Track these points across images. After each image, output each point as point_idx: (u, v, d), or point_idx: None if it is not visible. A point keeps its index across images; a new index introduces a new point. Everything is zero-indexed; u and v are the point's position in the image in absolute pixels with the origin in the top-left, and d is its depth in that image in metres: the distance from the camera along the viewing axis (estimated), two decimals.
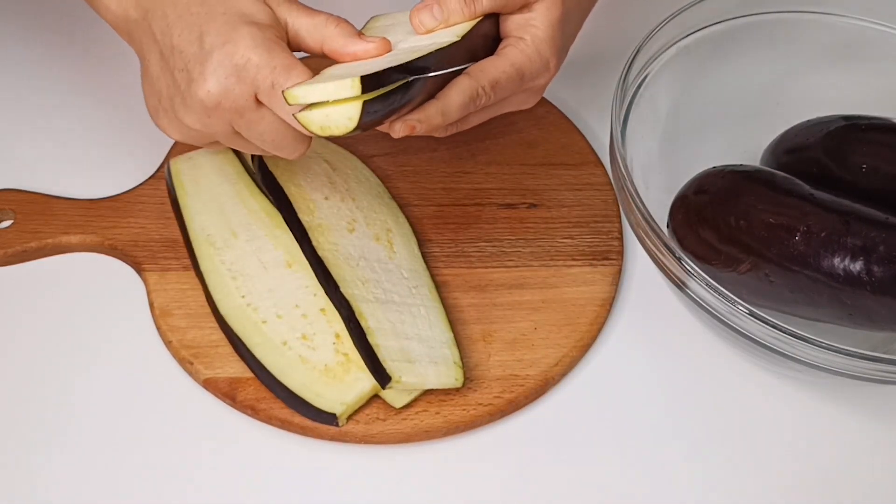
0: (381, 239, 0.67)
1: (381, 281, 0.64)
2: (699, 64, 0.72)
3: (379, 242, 0.67)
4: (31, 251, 0.68)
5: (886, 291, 0.58)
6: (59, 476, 0.60)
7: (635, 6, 0.85)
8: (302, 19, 0.57)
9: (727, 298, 0.57)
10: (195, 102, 0.55)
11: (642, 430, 0.63)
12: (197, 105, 0.55)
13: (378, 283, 0.64)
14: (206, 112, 0.55)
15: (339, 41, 0.56)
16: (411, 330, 0.62)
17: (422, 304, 0.64)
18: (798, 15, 0.73)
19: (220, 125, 0.56)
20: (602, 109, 0.68)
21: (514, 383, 0.63)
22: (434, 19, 0.58)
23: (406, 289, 0.65)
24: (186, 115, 0.56)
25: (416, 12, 0.58)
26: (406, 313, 0.63)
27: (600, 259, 0.69)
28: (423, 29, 0.58)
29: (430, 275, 0.67)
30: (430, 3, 0.58)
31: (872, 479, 0.62)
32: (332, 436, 0.61)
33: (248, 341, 0.62)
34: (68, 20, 0.84)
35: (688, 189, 0.67)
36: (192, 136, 0.59)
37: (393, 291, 0.64)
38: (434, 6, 0.58)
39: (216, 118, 0.56)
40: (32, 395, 0.63)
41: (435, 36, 0.58)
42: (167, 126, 0.59)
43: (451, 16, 0.58)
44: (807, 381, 0.65)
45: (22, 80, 0.80)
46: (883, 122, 0.67)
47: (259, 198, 0.69)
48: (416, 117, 0.55)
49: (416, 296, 0.65)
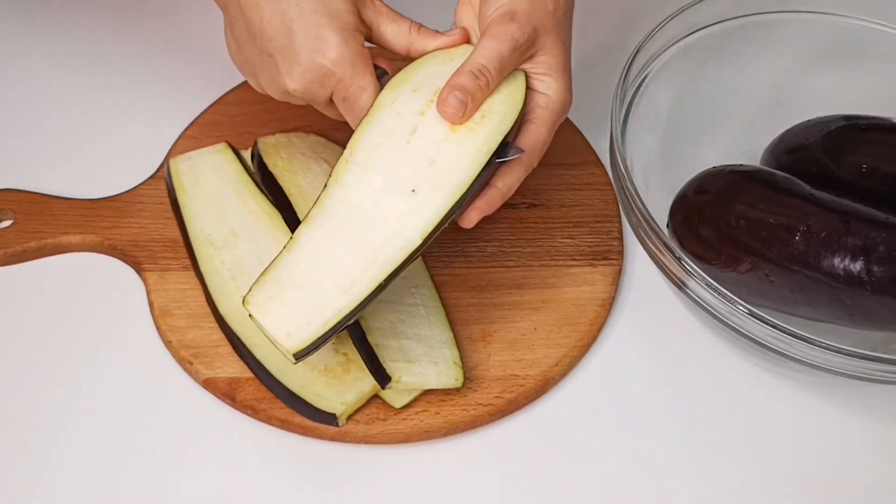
0: None
1: None
2: (699, 64, 0.72)
3: None
4: (31, 251, 0.69)
5: (886, 291, 0.58)
6: (59, 476, 0.60)
7: (635, 6, 0.85)
8: (388, 25, 0.62)
9: (727, 298, 0.57)
10: (278, 87, 0.61)
11: (642, 430, 0.63)
12: (280, 88, 0.61)
13: None
14: (285, 95, 0.61)
15: (424, 43, 0.62)
16: (411, 330, 0.62)
17: (422, 304, 0.64)
18: (798, 15, 0.73)
19: (297, 102, 0.62)
20: (602, 109, 0.68)
21: (514, 383, 0.63)
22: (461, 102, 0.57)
23: (406, 289, 0.65)
24: (267, 87, 0.62)
25: (443, 103, 0.57)
26: (406, 313, 0.63)
27: (600, 259, 0.69)
28: (458, 116, 0.58)
29: (429, 275, 0.67)
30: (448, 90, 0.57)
31: (872, 479, 0.62)
32: (332, 436, 0.61)
33: (247, 341, 0.62)
34: (68, 20, 0.84)
35: (688, 189, 0.67)
36: (264, 91, 0.63)
37: (392, 291, 0.64)
38: (456, 91, 0.57)
39: (296, 100, 0.62)
40: (32, 395, 0.63)
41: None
42: (247, 77, 0.64)
43: (474, 96, 0.58)
44: (807, 381, 0.65)
45: (22, 80, 0.80)
46: (883, 122, 0.67)
47: (259, 198, 0.69)
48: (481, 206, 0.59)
49: (415, 296, 0.65)
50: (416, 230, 0.56)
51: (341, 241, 0.56)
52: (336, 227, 0.56)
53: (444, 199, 0.56)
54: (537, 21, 0.59)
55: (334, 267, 0.55)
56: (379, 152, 0.57)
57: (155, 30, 0.83)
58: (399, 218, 0.56)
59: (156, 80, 0.80)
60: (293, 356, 0.54)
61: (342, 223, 0.56)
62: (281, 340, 0.54)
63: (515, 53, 0.58)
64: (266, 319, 0.55)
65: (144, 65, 0.81)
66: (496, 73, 0.58)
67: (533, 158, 0.60)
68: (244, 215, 0.68)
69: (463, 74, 0.58)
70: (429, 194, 0.56)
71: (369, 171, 0.57)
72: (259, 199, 0.69)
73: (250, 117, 0.76)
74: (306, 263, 0.56)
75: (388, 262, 0.55)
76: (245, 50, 0.61)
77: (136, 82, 0.80)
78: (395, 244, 0.55)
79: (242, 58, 0.62)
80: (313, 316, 0.54)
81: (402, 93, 0.59)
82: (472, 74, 0.57)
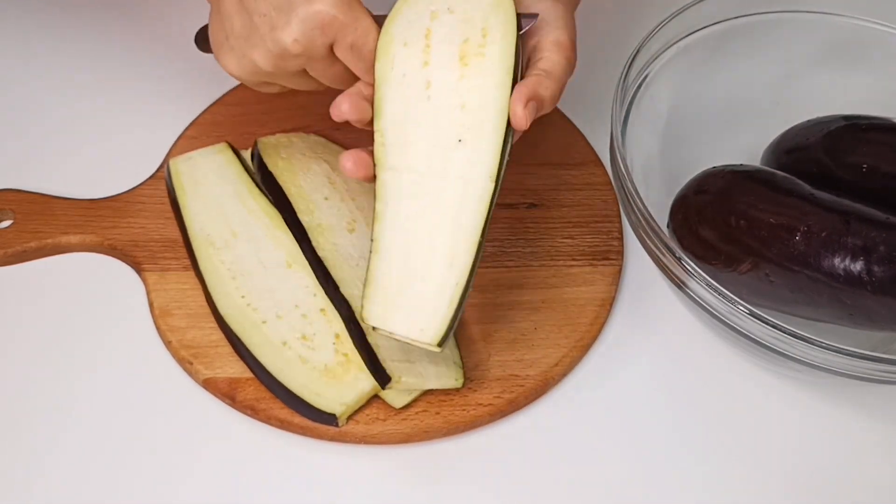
0: None
1: None
2: (699, 64, 0.72)
3: None
4: (31, 251, 0.68)
5: (886, 291, 0.57)
6: (58, 476, 0.60)
7: (635, 6, 0.85)
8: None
9: (727, 298, 0.57)
10: (277, 47, 0.57)
11: (642, 430, 0.63)
12: (278, 49, 0.57)
13: None
14: (283, 56, 0.58)
15: None
16: None
17: None
18: (798, 15, 0.73)
19: (291, 67, 0.59)
20: (602, 109, 0.68)
21: (514, 383, 0.63)
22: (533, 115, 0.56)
23: None
24: (261, 56, 0.58)
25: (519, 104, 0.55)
26: None
27: (600, 259, 0.69)
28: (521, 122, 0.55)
29: None
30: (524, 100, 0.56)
31: (872, 478, 0.62)
32: (332, 436, 0.61)
33: (247, 341, 0.62)
34: (68, 20, 0.84)
35: (688, 189, 0.67)
36: (253, 74, 0.61)
37: None
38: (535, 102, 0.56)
39: (291, 62, 0.59)
40: (32, 395, 0.63)
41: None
42: (230, 62, 0.61)
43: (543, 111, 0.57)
44: (807, 381, 0.65)
45: (22, 80, 0.80)
46: (883, 122, 0.67)
47: (259, 198, 0.69)
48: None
49: None
50: (484, 176, 0.54)
51: (419, 223, 0.55)
52: (406, 212, 0.55)
53: (492, 133, 0.55)
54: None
55: (427, 250, 0.54)
56: (407, 123, 0.56)
57: (155, 30, 0.83)
58: (461, 173, 0.55)
59: (156, 80, 0.80)
60: (437, 346, 0.54)
61: (410, 206, 0.55)
62: (419, 338, 0.54)
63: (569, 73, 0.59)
64: (394, 327, 0.54)
65: (144, 65, 0.81)
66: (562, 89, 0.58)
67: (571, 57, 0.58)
68: (244, 215, 0.68)
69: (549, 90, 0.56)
70: (476, 137, 0.55)
71: (408, 144, 0.56)
72: (259, 199, 0.69)
73: (250, 117, 0.76)
74: (400, 260, 0.55)
75: (474, 220, 0.54)
76: (234, 24, 0.59)
77: (136, 82, 0.80)
78: (471, 200, 0.54)
79: (224, 31, 0.60)
80: (435, 303, 0.54)
81: (395, 53, 0.57)
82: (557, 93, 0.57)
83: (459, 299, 0.54)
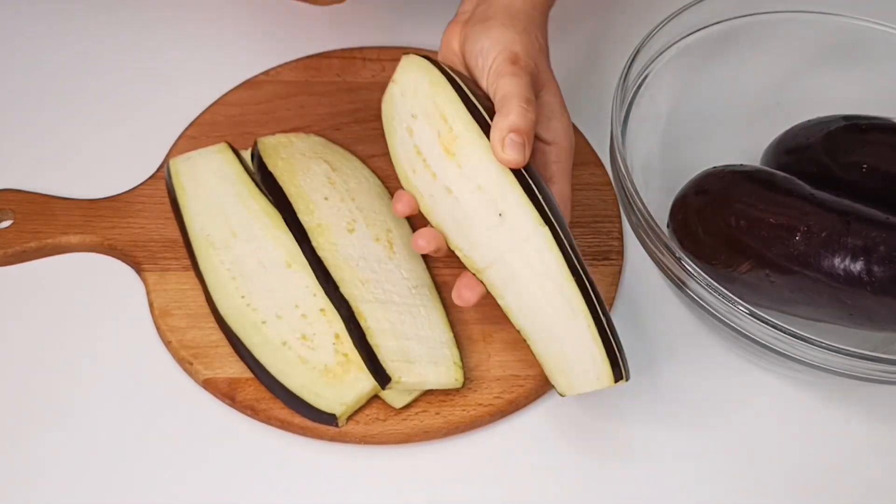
0: (381, 239, 0.67)
1: (381, 281, 0.64)
2: (699, 64, 0.72)
3: (379, 243, 0.67)
4: (31, 251, 0.68)
5: (886, 291, 0.58)
6: (58, 475, 0.60)
7: (635, 6, 0.85)
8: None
9: (727, 298, 0.57)
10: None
11: (642, 431, 0.63)
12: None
13: (378, 283, 0.64)
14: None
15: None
16: (411, 330, 0.62)
17: (422, 305, 0.64)
18: (798, 15, 0.73)
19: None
20: (602, 109, 0.68)
21: (514, 383, 0.63)
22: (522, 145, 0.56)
23: (406, 289, 0.65)
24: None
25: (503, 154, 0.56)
26: (406, 313, 0.63)
27: (600, 259, 0.69)
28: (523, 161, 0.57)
29: (430, 275, 0.67)
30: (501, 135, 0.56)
31: (872, 478, 0.62)
32: (332, 436, 0.61)
33: (247, 341, 0.62)
34: (68, 19, 0.84)
35: (688, 189, 0.67)
36: None
37: (393, 292, 0.64)
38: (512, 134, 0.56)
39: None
40: (32, 395, 0.63)
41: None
42: None
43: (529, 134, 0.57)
44: (807, 381, 0.65)
45: (22, 80, 0.80)
46: (883, 122, 0.67)
47: (259, 198, 0.69)
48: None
49: (416, 296, 0.65)
50: (530, 226, 0.56)
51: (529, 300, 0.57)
52: (513, 298, 0.58)
53: (512, 189, 0.57)
54: (534, 59, 0.60)
55: (546, 313, 0.57)
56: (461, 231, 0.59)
57: (155, 30, 0.83)
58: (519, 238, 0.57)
59: (156, 80, 0.80)
60: (617, 382, 0.55)
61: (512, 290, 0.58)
62: (601, 387, 0.56)
63: (531, 90, 0.59)
64: (583, 387, 0.56)
65: (144, 65, 0.81)
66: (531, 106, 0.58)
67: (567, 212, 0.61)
68: (244, 215, 0.68)
69: (512, 114, 0.56)
70: (506, 203, 0.57)
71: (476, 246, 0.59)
72: (259, 199, 0.69)
73: (250, 117, 0.76)
74: (544, 335, 0.57)
75: (556, 266, 0.56)
76: None
77: (136, 82, 0.80)
78: (540, 252, 0.56)
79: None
80: (590, 352, 0.56)
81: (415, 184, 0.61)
82: (522, 110, 0.56)
83: (601, 335, 0.56)
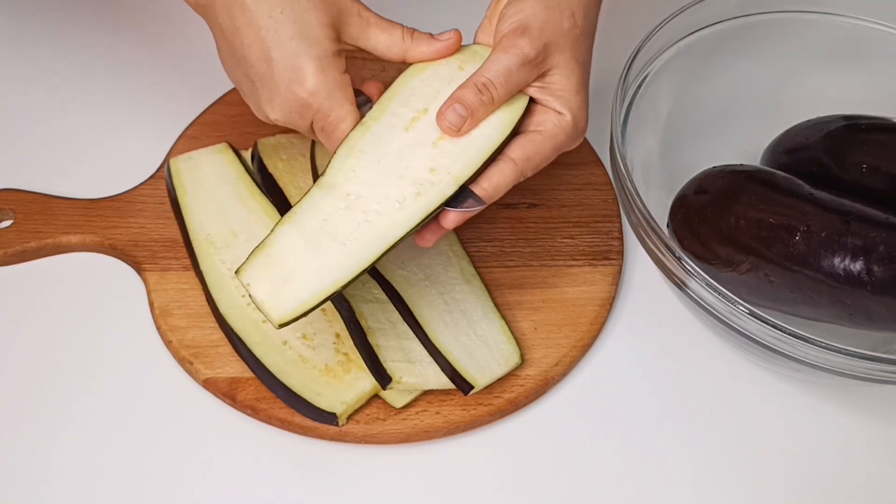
0: None
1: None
2: (699, 64, 0.72)
3: None
4: (31, 251, 0.68)
5: (886, 291, 0.58)
6: (58, 476, 0.60)
7: (635, 6, 0.85)
8: (379, 36, 0.60)
9: (727, 298, 0.57)
10: (262, 114, 0.61)
11: (642, 430, 0.63)
12: (263, 115, 0.61)
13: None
14: (269, 120, 0.61)
15: (419, 49, 0.60)
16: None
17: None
18: (798, 15, 0.73)
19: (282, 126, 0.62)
20: (602, 109, 0.68)
21: (514, 383, 0.63)
22: (460, 116, 0.57)
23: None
24: (254, 110, 0.62)
25: (442, 116, 0.57)
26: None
27: (600, 259, 0.69)
28: (455, 130, 0.57)
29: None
30: (449, 103, 0.57)
31: (871, 478, 0.62)
32: (332, 436, 0.61)
33: (247, 341, 0.62)
34: (68, 20, 0.84)
35: (688, 189, 0.67)
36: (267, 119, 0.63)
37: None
38: (455, 104, 0.57)
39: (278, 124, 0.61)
40: (32, 395, 0.63)
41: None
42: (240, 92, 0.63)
43: (475, 112, 0.57)
44: (807, 381, 0.65)
45: (22, 80, 0.80)
46: (883, 122, 0.67)
47: (259, 198, 0.69)
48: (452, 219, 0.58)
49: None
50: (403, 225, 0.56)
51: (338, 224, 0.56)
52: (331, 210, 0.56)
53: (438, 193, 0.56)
54: (550, 37, 0.57)
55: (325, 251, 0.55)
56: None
57: (155, 30, 0.83)
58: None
59: (156, 80, 0.80)
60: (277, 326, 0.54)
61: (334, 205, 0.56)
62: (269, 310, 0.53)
63: (525, 68, 0.57)
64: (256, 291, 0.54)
65: (145, 65, 0.81)
66: (502, 89, 0.57)
67: (528, 168, 0.58)
68: (244, 215, 0.68)
69: (467, 87, 0.57)
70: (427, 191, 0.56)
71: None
72: (259, 198, 0.69)
73: (250, 117, 0.75)
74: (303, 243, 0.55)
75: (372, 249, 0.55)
76: (233, 72, 0.61)
77: (137, 82, 0.80)
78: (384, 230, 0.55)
79: (234, 77, 0.62)
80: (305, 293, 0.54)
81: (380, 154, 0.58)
82: (475, 88, 0.56)
83: (320, 302, 0.54)
